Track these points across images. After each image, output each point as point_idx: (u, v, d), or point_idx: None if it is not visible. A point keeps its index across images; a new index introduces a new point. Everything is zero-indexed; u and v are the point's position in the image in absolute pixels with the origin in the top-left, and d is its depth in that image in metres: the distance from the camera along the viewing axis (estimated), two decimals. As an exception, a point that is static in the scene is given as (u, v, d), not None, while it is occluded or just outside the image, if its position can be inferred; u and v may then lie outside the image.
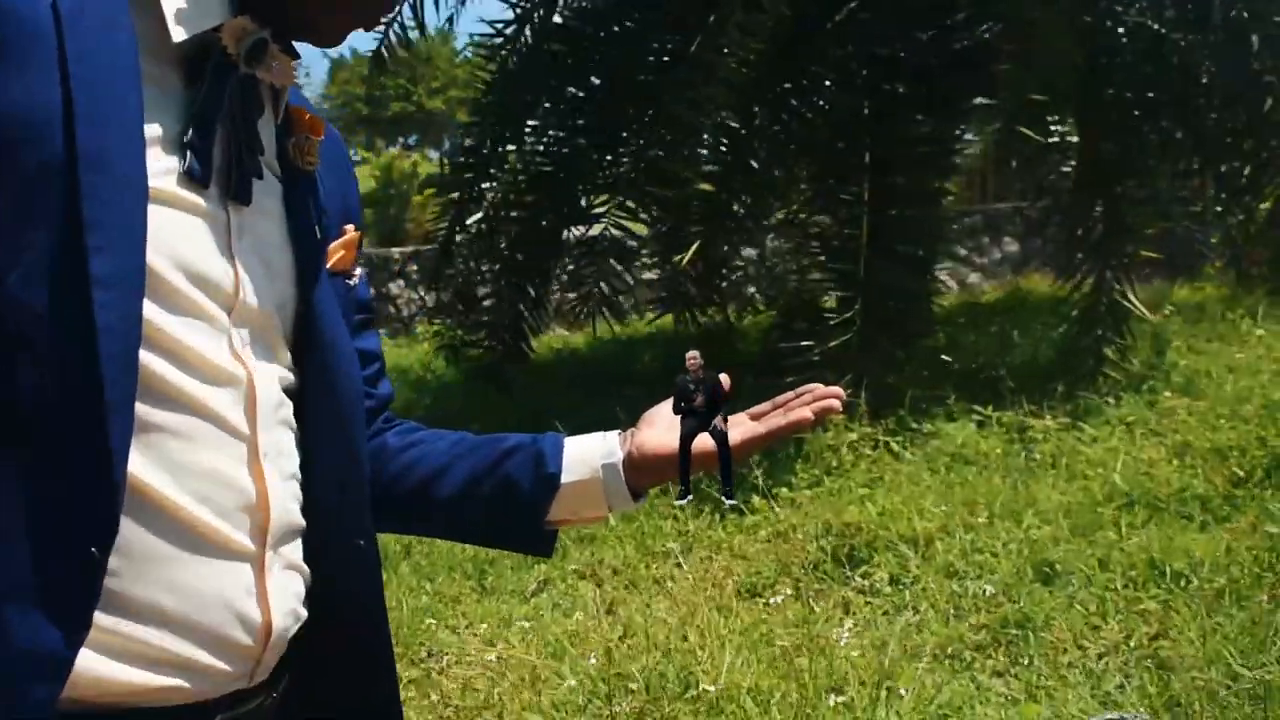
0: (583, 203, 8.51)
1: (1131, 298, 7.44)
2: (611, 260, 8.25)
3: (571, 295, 8.36)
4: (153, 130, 1.02)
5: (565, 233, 8.78)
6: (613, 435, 1.50)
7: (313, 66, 45.46)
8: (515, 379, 8.90)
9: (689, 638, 4.17)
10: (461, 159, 9.70)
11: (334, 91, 48.73)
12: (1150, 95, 8.07)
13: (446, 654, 4.39)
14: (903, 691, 3.64)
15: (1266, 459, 5.47)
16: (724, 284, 9.61)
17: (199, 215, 1.06)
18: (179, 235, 1.03)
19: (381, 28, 9.77)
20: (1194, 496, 5.13)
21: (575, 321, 8.76)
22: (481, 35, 9.68)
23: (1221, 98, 8.24)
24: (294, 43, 1.19)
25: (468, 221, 9.25)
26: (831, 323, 6.88)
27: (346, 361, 1.27)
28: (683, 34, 7.64)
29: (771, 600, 4.67)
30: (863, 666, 3.83)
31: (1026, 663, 3.88)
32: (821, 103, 8.05)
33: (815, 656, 3.94)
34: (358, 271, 1.35)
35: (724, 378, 1.47)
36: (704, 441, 1.45)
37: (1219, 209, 9.31)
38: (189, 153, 1.05)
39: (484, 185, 9.34)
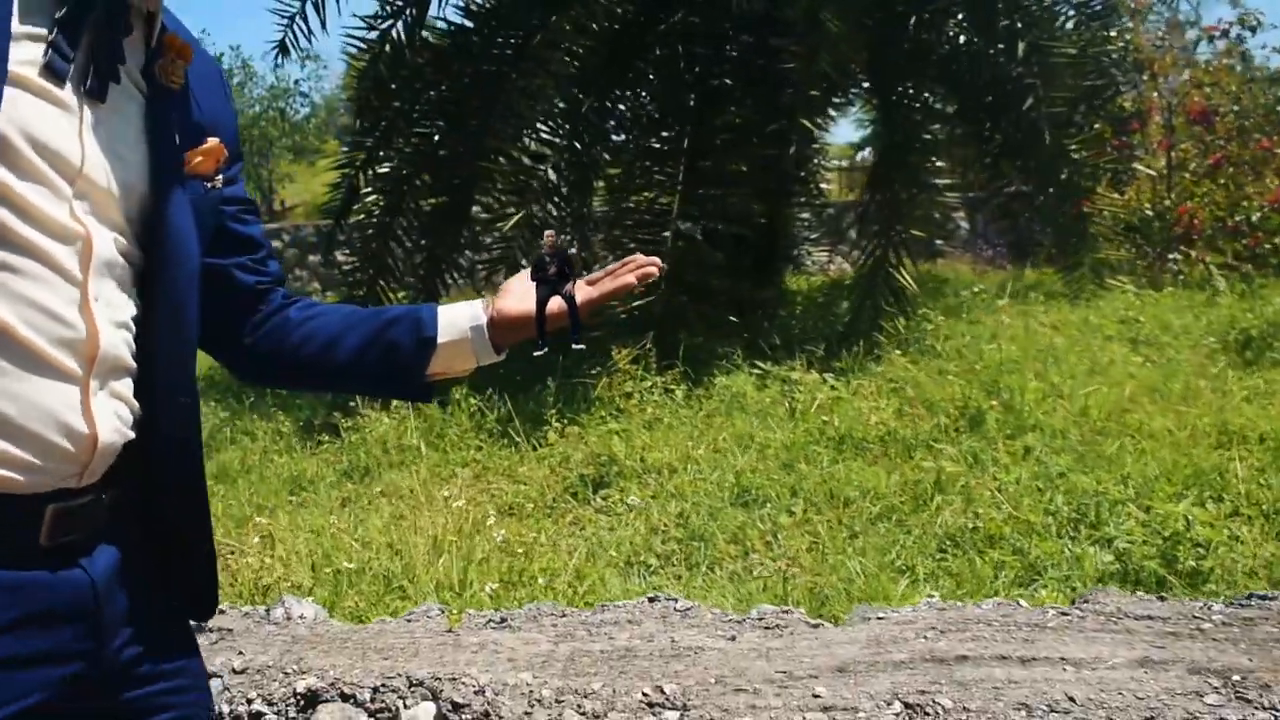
0: (455, 182, 8.80)
1: (903, 273, 7.87)
2: (466, 231, 8.62)
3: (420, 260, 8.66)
4: (23, 28, 1.16)
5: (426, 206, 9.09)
6: (477, 302, 1.70)
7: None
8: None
9: (439, 546, 4.55)
10: (350, 140, 10.02)
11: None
12: (926, 96, 8.51)
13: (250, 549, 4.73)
14: (581, 587, 4.04)
15: (971, 411, 5.91)
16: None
17: (53, 102, 1.18)
18: (32, 114, 1.15)
19: (284, 21, 10.04)
20: (896, 439, 5.54)
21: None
22: (355, 30, 9.94)
23: (993, 96, 8.68)
24: None
25: (368, 199, 9.52)
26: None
27: (185, 245, 1.40)
28: (525, 31, 7.97)
29: (522, 517, 5.06)
30: (557, 567, 4.22)
31: (695, 567, 4.28)
32: (645, 95, 8.40)
33: (530, 560, 4.33)
34: (219, 177, 1.47)
35: (572, 252, 1.70)
36: (554, 303, 1.65)
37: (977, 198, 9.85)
38: (51, 50, 1.17)
39: (376, 169, 9.61)
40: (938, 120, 9.59)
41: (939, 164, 9.31)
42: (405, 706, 2.34)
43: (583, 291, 1.66)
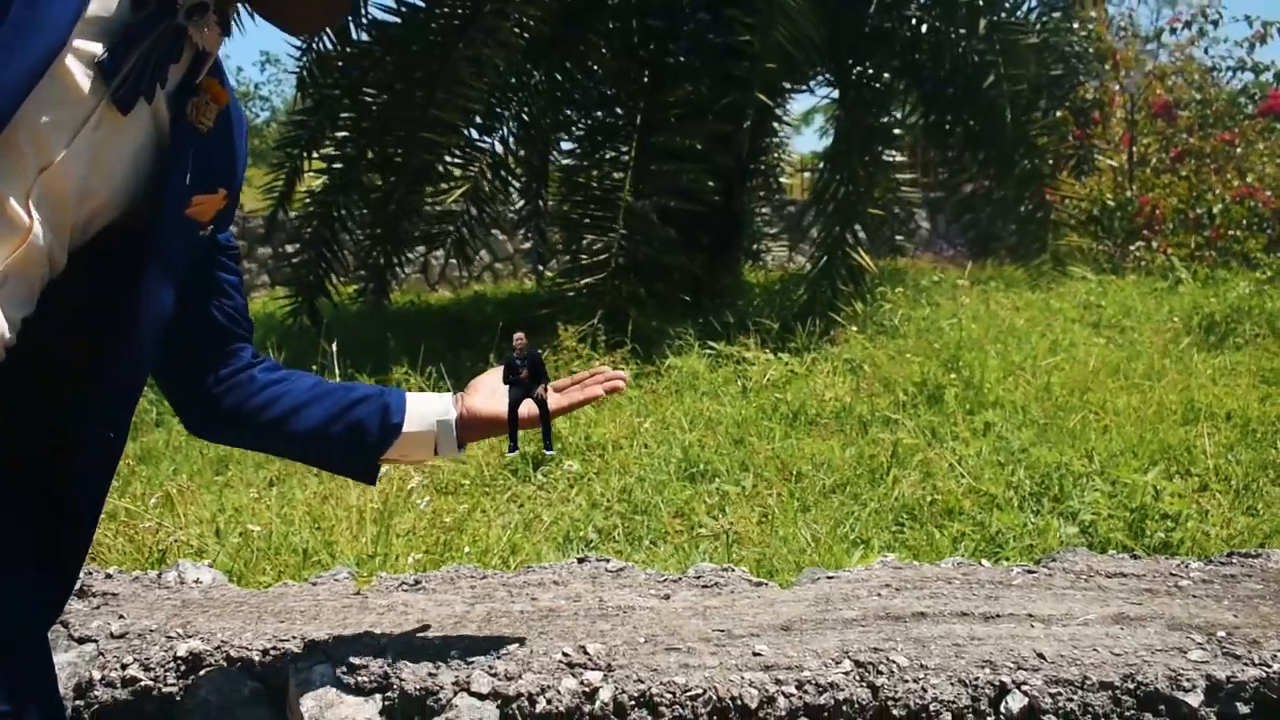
0: (398, 159, 8.55)
1: (861, 253, 7.69)
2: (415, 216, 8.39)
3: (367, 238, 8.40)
4: (85, 27, 1.17)
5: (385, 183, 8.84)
6: (447, 396, 1.76)
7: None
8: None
9: (364, 519, 4.29)
10: (292, 119, 9.72)
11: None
12: (886, 77, 8.35)
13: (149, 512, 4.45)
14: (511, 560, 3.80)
15: (930, 388, 5.73)
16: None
17: (75, 93, 1.17)
18: (50, 97, 1.15)
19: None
20: (851, 415, 5.34)
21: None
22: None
23: (954, 86, 8.55)
24: (268, 23, 1.34)
25: (312, 181, 9.28)
26: (585, 262, 7.03)
27: (165, 283, 1.37)
28: (473, 1, 7.73)
29: (458, 495, 4.81)
30: (490, 541, 3.97)
31: (637, 541, 4.05)
32: (596, 68, 8.18)
33: (460, 533, 4.08)
34: (210, 227, 1.45)
35: (543, 354, 1.84)
36: (526, 406, 1.76)
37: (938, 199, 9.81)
38: (108, 52, 1.18)
39: (320, 150, 9.35)
40: (898, 104, 9.47)
41: (898, 157, 9.19)
42: (297, 669, 2.09)
43: (551, 398, 1.77)
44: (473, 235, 9.02)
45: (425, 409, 1.76)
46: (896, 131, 9.17)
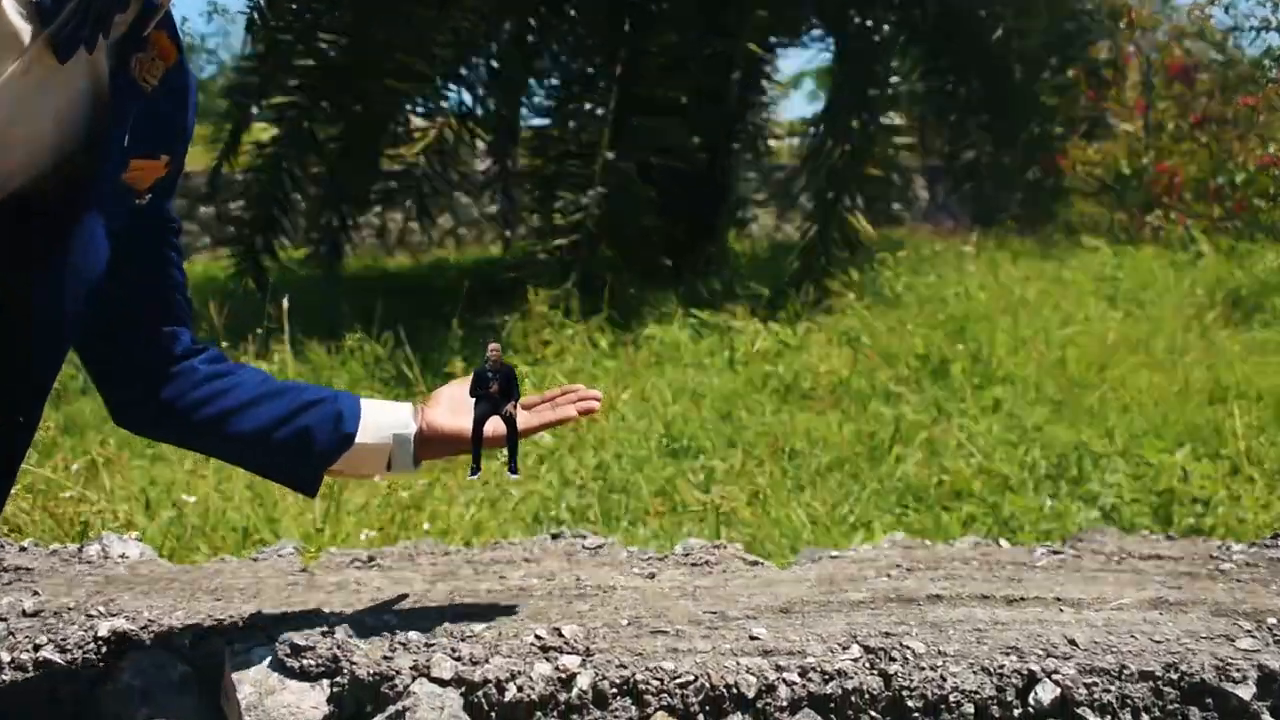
0: (356, 108, 8.42)
1: (859, 216, 7.60)
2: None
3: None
4: None
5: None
6: (406, 407, 1.71)
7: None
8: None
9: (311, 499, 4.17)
10: (239, 66, 9.56)
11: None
12: (885, 27, 8.25)
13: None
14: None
15: (934, 361, 5.66)
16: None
17: (3, 31, 1.11)
18: None
19: None
20: (849, 390, 5.27)
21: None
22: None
23: (959, 42, 8.47)
24: None
25: (261, 132, 9.13)
26: (558, 223, 6.92)
27: (91, 251, 1.30)
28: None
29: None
30: (454, 519, 3.88)
31: (614, 522, 3.97)
32: (573, 13, 8.06)
33: (419, 511, 3.99)
34: (148, 196, 1.39)
35: (519, 369, 1.76)
36: (492, 424, 1.69)
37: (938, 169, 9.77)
38: None
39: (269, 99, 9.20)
40: (898, 59, 9.37)
41: (897, 119, 9.11)
42: (233, 652, 1.98)
43: (521, 417, 1.72)
44: (436, 191, 8.89)
45: (382, 419, 1.72)
46: (896, 87, 9.06)
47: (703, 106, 7.82)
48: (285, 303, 5.21)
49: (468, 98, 7.45)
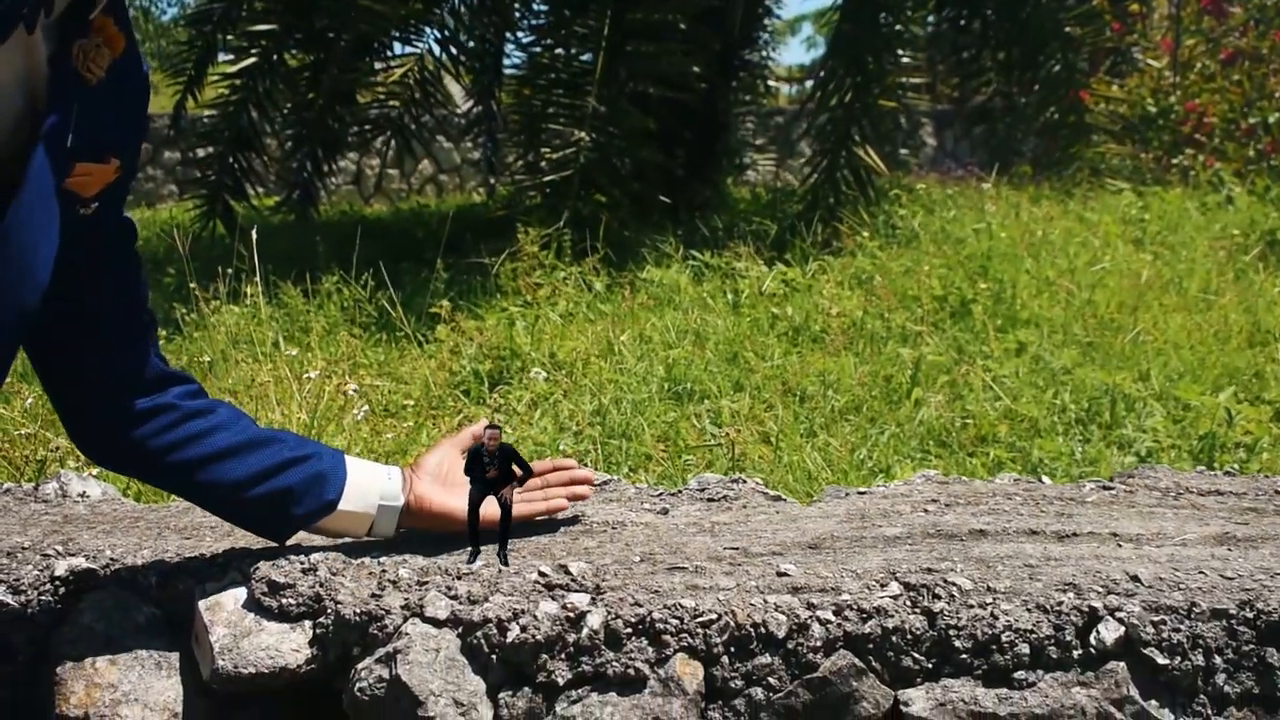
0: (330, 34, 8.25)
1: (869, 150, 7.48)
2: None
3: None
4: None
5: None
6: (395, 473, 1.74)
7: None
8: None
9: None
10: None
11: None
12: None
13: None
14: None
15: (953, 303, 5.57)
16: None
17: None
18: None
19: None
20: (863, 332, 5.17)
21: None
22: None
23: None
24: None
25: (227, 66, 8.96)
26: (549, 157, 6.79)
27: (19, 273, 1.20)
28: None
29: (400, 418, 4.62)
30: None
31: (614, 469, 3.88)
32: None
33: (404, 456, 3.90)
34: (94, 205, 1.31)
35: (515, 447, 1.75)
36: (487, 507, 1.72)
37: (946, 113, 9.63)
38: None
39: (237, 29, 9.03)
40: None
41: (907, 57, 8.95)
42: (204, 591, 1.89)
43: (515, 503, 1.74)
44: (417, 131, 8.72)
45: (367, 485, 1.74)
46: (908, 24, 8.88)
47: (704, 31, 7.65)
48: (254, 234, 5.08)
49: (450, 20, 7.28)
